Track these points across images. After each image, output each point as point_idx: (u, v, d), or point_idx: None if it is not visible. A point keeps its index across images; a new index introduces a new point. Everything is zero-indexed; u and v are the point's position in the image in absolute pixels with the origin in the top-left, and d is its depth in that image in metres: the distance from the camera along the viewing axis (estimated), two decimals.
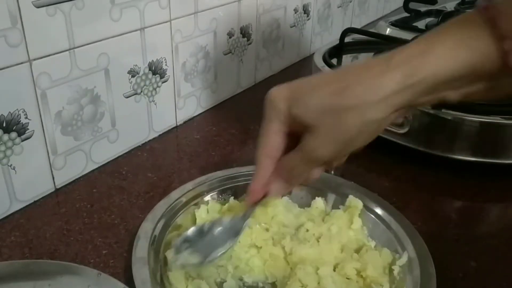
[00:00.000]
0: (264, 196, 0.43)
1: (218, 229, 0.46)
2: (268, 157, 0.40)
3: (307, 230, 0.50)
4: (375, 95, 0.35)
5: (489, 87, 0.36)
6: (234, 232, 0.45)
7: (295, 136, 0.39)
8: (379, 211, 0.52)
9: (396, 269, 0.46)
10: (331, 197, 0.54)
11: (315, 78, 0.39)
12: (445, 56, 0.34)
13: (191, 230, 0.46)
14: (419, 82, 0.35)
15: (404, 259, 0.46)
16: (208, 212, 0.52)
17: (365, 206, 0.52)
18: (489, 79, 0.35)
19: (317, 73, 0.40)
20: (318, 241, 0.48)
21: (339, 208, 0.53)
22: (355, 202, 0.52)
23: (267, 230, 0.50)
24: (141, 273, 0.43)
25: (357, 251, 0.49)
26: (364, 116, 0.36)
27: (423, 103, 0.37)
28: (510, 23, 0.33)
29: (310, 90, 0.37)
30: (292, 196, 0.55)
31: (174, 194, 0.53)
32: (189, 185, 0.55)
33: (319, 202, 0.54)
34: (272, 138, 0.40)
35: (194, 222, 0.51)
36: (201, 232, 0.45)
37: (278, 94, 0.39)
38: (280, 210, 0.52)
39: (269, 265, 0.47)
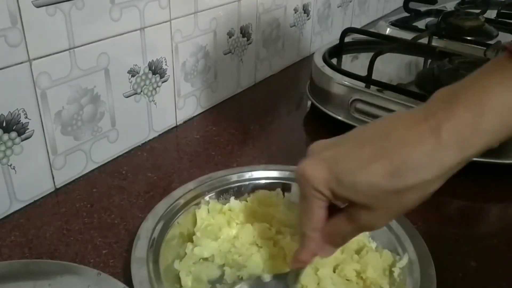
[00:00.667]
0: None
1: None
2: (315, 230, 0.38)
3: None
4: (433, 174, 0.33)
5: None
6: None
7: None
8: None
9: (396, 271, 0.46)
10: None
11: (353, 149, 0.35)
12: (497, 125, 0.33)
13: None
14: (474, 153, 0.34)
15: (404, 261, 0.46)
16: (208, 212, 0.52)
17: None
18: None
19: (349, 137, 0.37)
20: None
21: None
22: None
23: (269, 229, 0.50)
24: (140, 272, 0.43)
25: (358, 252, 0.49)
26: (423, 192, 0.34)
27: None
28: None
29: (355, 169, 0.34)
30: (291, 194, 0.55)
31: (175, 193, 0.53)
32: (190, 185, 0.54)
33: None
34: (316, 213, 0.37)
35: (194, 222, 0.51)
36: None
37: (316, 174, 0.35)
38: (281, 210, 0.52)
39: (268, 265, 0.47)
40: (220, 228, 0.50)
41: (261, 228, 0.50)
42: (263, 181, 0.56)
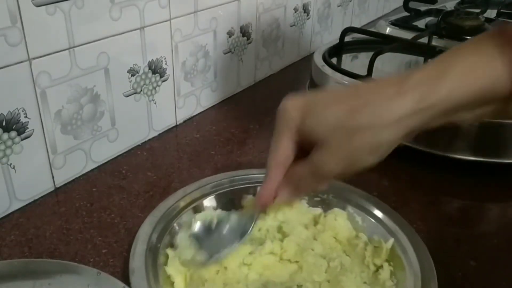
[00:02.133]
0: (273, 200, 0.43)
1: (225, 227, 0.46)
2: (278, 164, 0.41)
3: (268, 231, 0.49)
4: (387, 117, 0.35)
5: (501, 109, 0.36)
6: (241, 232, 0.45)
7: (305, 148, 0.40)
8: (379, 214, 0.52)
9: (358, 220, 0.51)
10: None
11: (330, 93, 0.40)
12: (456, 83, 0.35)
13: (197, 226, 0.46)
14: (431, 106, 0.35)
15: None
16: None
17: (364, 208, 0.52)
18: (501, 102, 0.36)
19: (332, 89, 0.40)
20: (284, 233, 0.49)
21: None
22: None
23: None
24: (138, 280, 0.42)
25: (316, 223, 0.51)
26: (375, 137, 0.36)
27: (435, 125, 0.37)
28: None
29: (325, 104, 0.38)
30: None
31: (172, 198, 0.52)
32: (188, 188, 0.54)
33: None
34: (283, 146, 0.40)
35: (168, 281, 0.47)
36: (208, 229, 0.46)
37: (292, 105, 0.39)
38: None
39: (266, 275, 0.46)
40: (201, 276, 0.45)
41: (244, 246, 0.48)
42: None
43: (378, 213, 0.51)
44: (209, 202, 0.53)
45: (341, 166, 0.38)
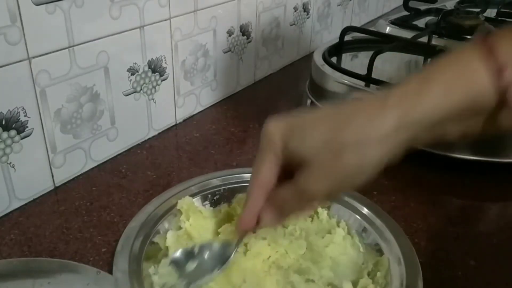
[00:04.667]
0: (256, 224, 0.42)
1: (207, 254, 0.45)
2: (260, 188, 0.39)
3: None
4: (371, 135, 0.35)
5: (488, 122, 0.36)
6: (223, 259, 0.44)
7: (290, 171, 0.39)
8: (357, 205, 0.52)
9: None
10: None
11: (314, 113, 0.39)
12: (440, 95, 0.34)
13: (179, 252, 0.45)
14: (414, 121, 0.35)
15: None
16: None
17: (351, 206, 0.52)
18: (487, 114, 0.35)
19: (314, 109, 0.39)
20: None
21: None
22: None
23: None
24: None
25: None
26: (361, 154, 0.35)
27: (422, 142, 0.37)
28: (509, 53, 0.33)
29: (309, 124, 0.37)
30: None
31: (157, 200, 0.53)
32: (174, 190, 0.55)
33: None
34: (266, 169, 0.39)
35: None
36: (190, 254, 0.45)
37: (275, 128, 0.38)
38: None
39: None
40: None
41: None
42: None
43: (356, 204, 0.52)
44: (197, 202, 0.54)
45: (327, 186, 0.37)
